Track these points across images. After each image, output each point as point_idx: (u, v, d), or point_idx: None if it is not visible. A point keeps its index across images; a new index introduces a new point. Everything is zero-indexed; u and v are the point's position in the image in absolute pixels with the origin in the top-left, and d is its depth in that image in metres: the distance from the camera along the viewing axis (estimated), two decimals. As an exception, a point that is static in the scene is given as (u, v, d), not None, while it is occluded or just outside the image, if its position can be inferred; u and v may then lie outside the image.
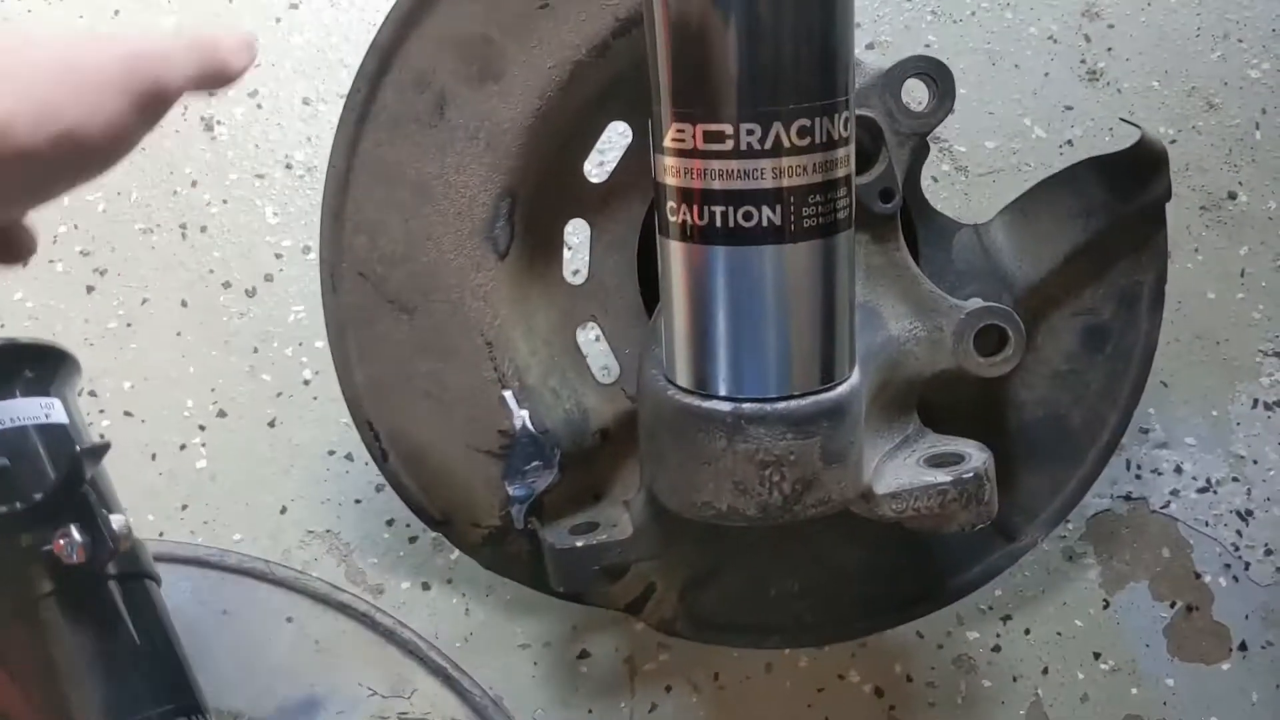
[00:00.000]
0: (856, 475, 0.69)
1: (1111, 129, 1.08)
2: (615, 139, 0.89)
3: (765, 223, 0.61)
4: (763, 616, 0.88)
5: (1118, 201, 0.82)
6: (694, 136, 0.61)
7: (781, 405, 0.65)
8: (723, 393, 0.65)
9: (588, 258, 0.85)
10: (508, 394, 0.81)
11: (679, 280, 0.65)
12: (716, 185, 0.61)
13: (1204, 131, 1.08)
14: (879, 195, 0.77)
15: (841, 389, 0.67)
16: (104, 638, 0.64)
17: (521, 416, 0.81)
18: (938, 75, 0.78)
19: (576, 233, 0.94)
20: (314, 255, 1.04)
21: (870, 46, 1.10)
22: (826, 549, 0.87)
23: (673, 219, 0.64)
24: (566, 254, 0.87)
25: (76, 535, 0.62)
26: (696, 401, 0.66)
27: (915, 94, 0.80)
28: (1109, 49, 1.10)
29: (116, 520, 0.64)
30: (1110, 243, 0.84)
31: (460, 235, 0.79)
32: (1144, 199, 0.82)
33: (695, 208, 0.62)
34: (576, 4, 0.76)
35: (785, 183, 0.61)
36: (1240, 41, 1.10)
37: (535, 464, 0.81)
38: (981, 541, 0.87)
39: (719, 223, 0.62)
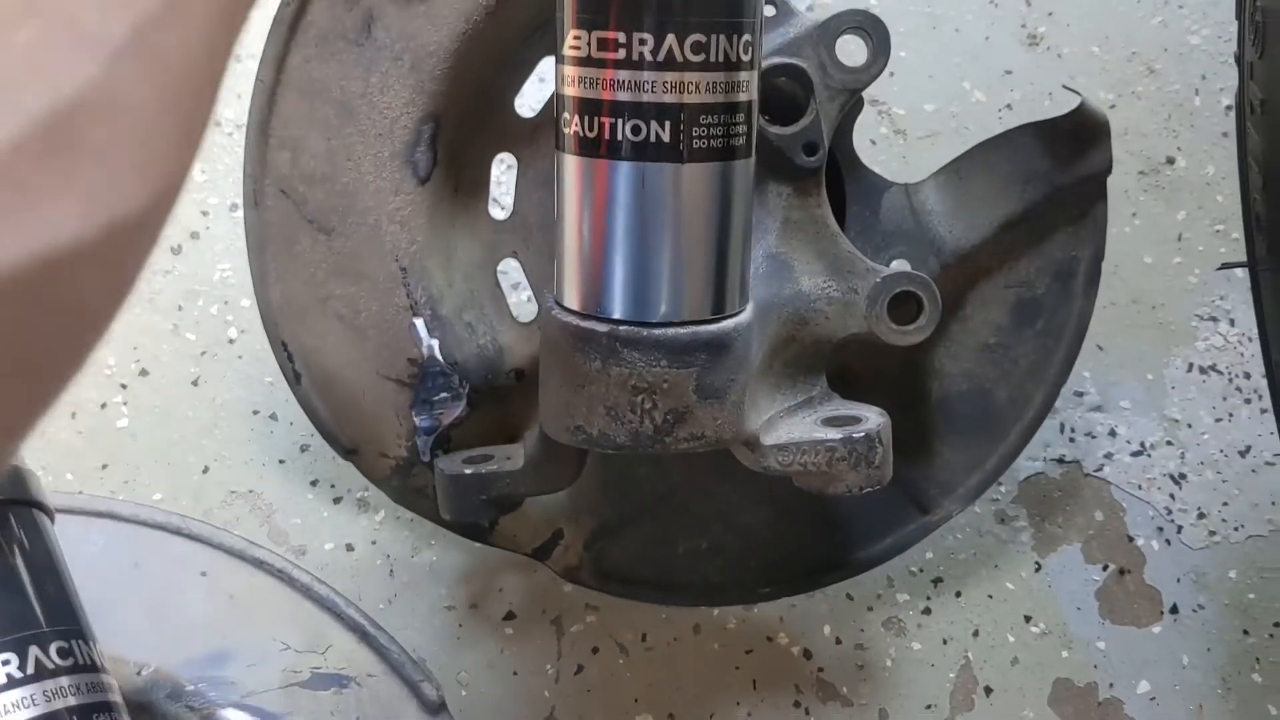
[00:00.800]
0: (735, 416, 0.68)
1: (1051, 94, 1.07)
2: (550, 74, 0.87)
3: (655, 139, 0.60)
4: (669, 573, 0.88)
5: (1057, 171, 0.81)
6: (589, 44, 0.60)
7: (659, 331, 0.64)
8: (604, 314, 0.65)
9: (513, 193, 0.83)
10: (418, 322, 0.80)
11: (569, 195, 0.64)
12: (608, 96, 0.60)
13: (1143, 97, 1.07)
14: (803, 148, 0.76)
15: (725, 324, 0.66)
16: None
17: (431, 345, 0.80)
18: (873, 30, 0.77)
19: (504, 167, 0.93)
20: (240, 213, 1.02)
21: (810, 8, 1.09)
22: (736, 510, 0.86)
23: (566, 130, 0.63)
24: (493, 188, 0.85)
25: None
26: (576, 321, 0.65)
27: (851, 51, 0.79)
28: (1049, 14, 1.09)
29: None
30: (1048, 214, 0.82)
31: (380, 157, 0.78)
32: (1083, 171, 0.81)
33: (587, 119, 0.61)
34: None
35: (678, 98, 0.60)
36: (1181, 8, 1.10)
37: (443, 396, 0.80)
38: (895, 513, 0.87)
39: (609, 135, 0.61)
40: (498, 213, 0.84)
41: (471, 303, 0.83)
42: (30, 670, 0.62)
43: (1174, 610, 0.94)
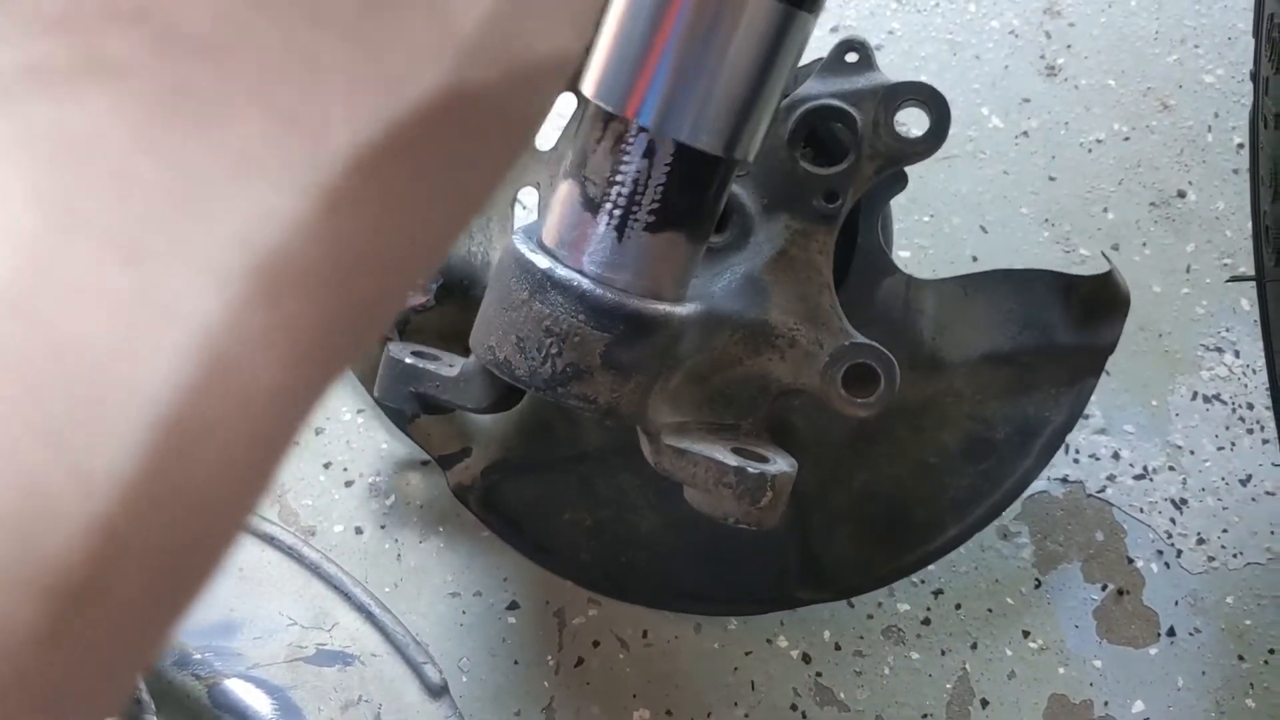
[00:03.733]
0: (636, 399, 0.69)
1: (1067, 123, 1.09)
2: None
3: None
4: (545, 534, 0.90)
5: (1061, 328, 0.81)
6: None
7: (588, 285, 0.66)
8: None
9: (562, 131, 0.86)
10: None
11: None
12: None
13: (1157, 131, 1.09)
14: (824, 194, 0.77)
15: (655, 307, 0.68)
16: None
17: None
18: (935, 110, 0.77)
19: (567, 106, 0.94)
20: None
21: (834, 30, 1.11)
22: (631, 504, 0.88)
23: None
24: (548, 121, 0.88)
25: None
26: (524, 250, 0.67)
27: (911, 122, 0.79)
28: (1068, 46, 1.12)
29: None
30: (1035, 366, 0.83)
31: None
32: (1088, 340, 0.82)
33: None
34: None
35: None
36: (1196, 47, 1.12)
37: None
38: (773, 575, 0.88)
39: None
40: (542, 145, 0.87)
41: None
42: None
43: (1171, 633, 0.95)
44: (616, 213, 0.67)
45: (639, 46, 0.63)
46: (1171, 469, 0.99)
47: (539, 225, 0.71)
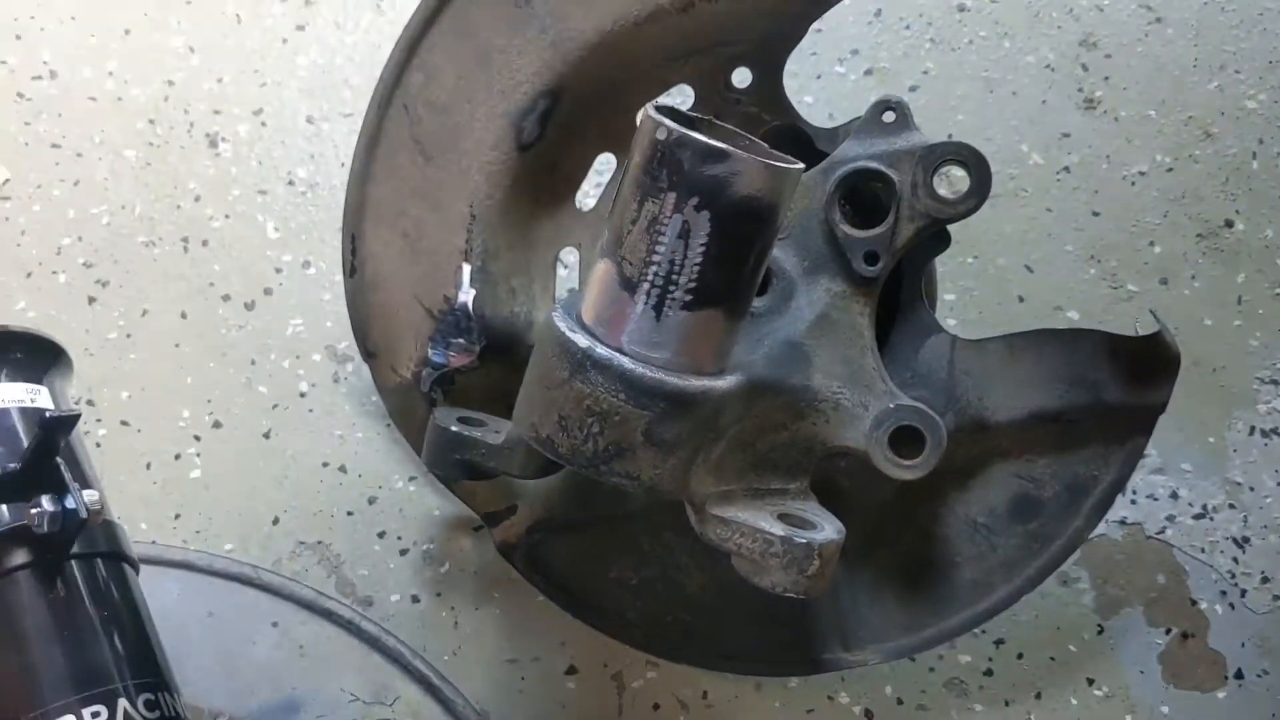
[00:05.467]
0: (678, 472, 0.69)
1: (1108, 157, 1.08)
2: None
3: None
4: (591, 591, 0.90)
5: (1110, 386, 0.80)
6: None
7: (629, 364, 0.66)
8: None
9: (602, 192, 0.87)
10: (465, 267, 0.84)
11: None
12: None
13: (1201, 160, 1.08)
14: (864, 256, 0.76)
15: (693, 383, 0.67)
16: (75, 611, 0.65)
17: (468, 293, 0.84)
18: (975, 168, 0.76)
19: (605, 167, 0.94)
20: (314, 270, 1.05)
21: (869, 72, 1.11)
22: (677, 564, 0.88)
23: None
24: (588, 181, 0.89)
25: (47, 505, 0.63)
26: (564, 328, 0.68)
27: (951, 183, 0.79)
28: (1106, 78, 1.11)
29: (89, 495, 0.65)
30: (1085, 425, 0.82)
31: (494, 111, 0.83)
32: (1138, 399, 0.80)
33: None
34: None
35: None
36: (1238, 73, 1.11)
37: (459, 341, 0.84)
38: (817, 635, 0.87)
39: None
40: (582, 201, 0.89)
41: (523, 270, 0.86)
42: (118, 722, 0.64)
43: (1239, 675, 0.93)
44: (654, 293, 0.67)
45: None
46: (1232, 506, 0.98)
47: (577, 301, 0.71)
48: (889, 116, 0.78)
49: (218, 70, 1.10)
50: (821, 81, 1.11)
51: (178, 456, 1.00)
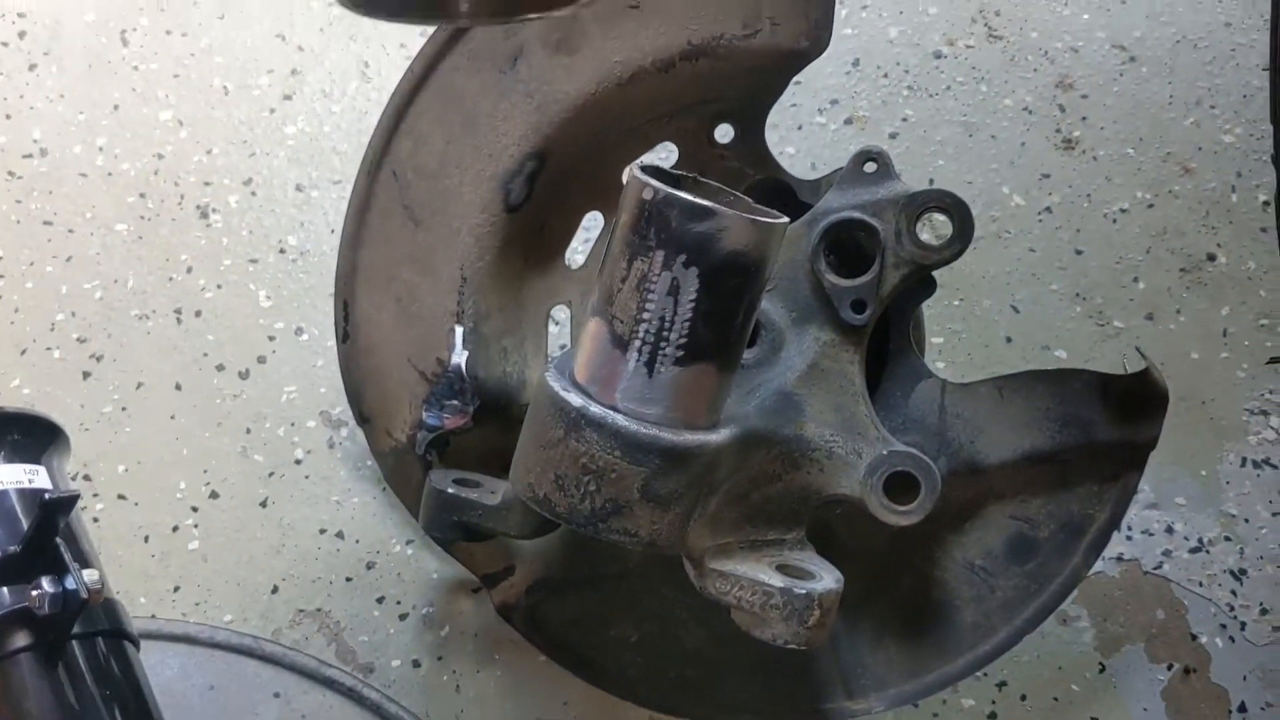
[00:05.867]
0: (676, 528, 0.70)
1: (1089, 195, 1.09)
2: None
3: None
4: (592, 649, 0.90)
5: (1101, 425, 0.81)
6: None
7: (622, 421, 0.67)
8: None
9: (590, 250, 0.88)
10: (458, 330, 0.85)
11: None
12: None
13: (1180, 195, 1.09)
14: (852, 304, 0.77)
15: (687, 438, 0.68)
16: (78, 691, 0.64)
17: (461, 355, 0.85)
18: (958, 214, 0.77)
19: (593, 224, 0.95)
20: (306, 336, 1.05)
21: (849, 121, 1.13)
22: (676, 620, 0.88)
23: None
24: (577, 239, 0.90)
25: (48, 587, 0.63)
26: (558, 387, 0.68)
27: (929, 234, 0.80)
28: (1083, 118, 1.12)
29: (89, 574, 0.65)
30: (1078, 464, 0.82)
31: (482, 175, 0.84)
32: (1129, 436, 0.81)
33: None
34: (661, 16, 0.81)
35: None
36: (1213, 108, 1.12)
37: (454, 403, 0.85)
38: (820, 684, 0.87)
39: None
40: (571, 260, 0.90)
41: (514, 331, 0.87)
42: (120, 801, 0.63)
43: (1242, 709, 0.93)
44: (645, 349, 0.68)
45: None
46: (1228, 539, 0.98)
47: (570, 359, 0.72)
48: (870, 167, 0.79)
49: (207, 142, 1.11)
50: (803, 132, 1.12)
51: (175, 528, 1.00)
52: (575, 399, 0.68)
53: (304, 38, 1.15)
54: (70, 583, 0.64)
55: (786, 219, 0.71)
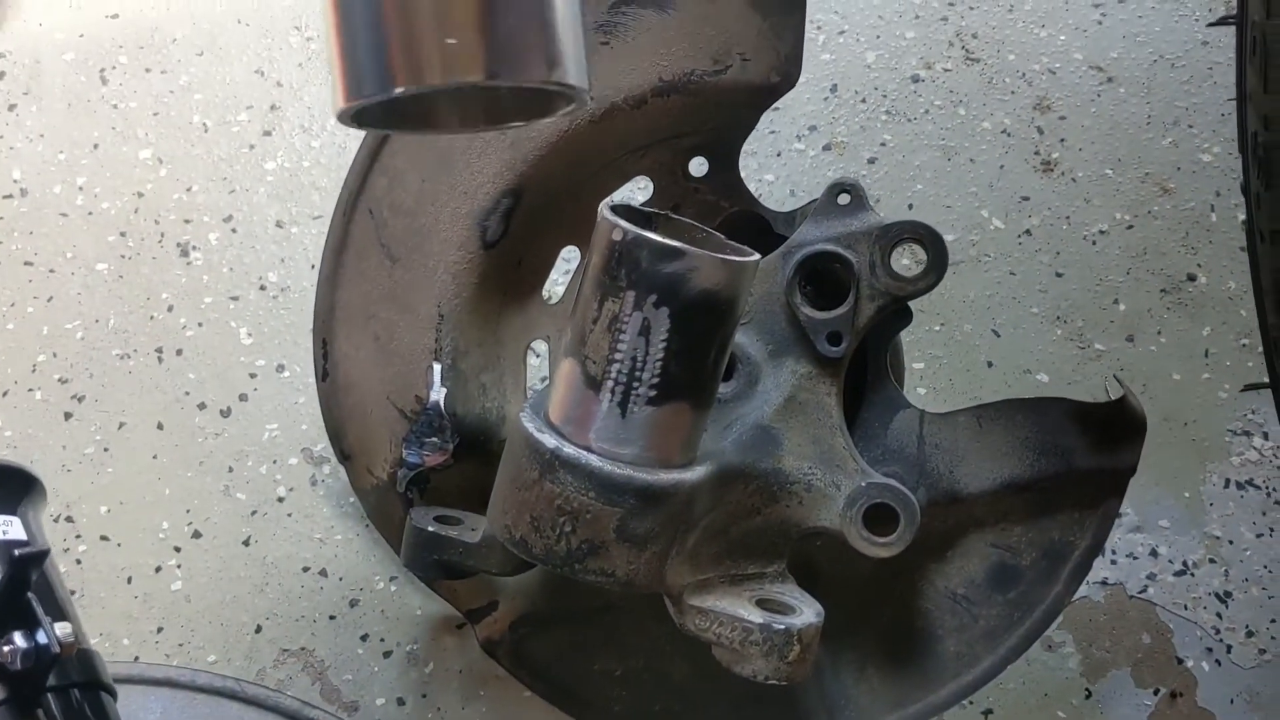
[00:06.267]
0: (653, 567, 0.70)
1: (1068, 217, 1.10)
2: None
3: None
4: (577, 684, 0.89)
5: (1080, 453, 0.81)
6: None
7: (597, 462, 0.67)
8: None
9: (569, 284, 0.89)
10: (436, 367, 0.85)
11: None
12: None
13: (1160, 216, 1.10)
14: (827, 337, 0.77)
15: (662, 477, 0.68)
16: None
17: (439, 392, 0.85)
18: (931, 246, 0.77)
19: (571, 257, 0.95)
20: (288, 373, 1.05)
21: (827, 148, 1.13)
22: (660, 653, 0.88)
23: None
24: (554, 274, 0.90)
25: (20, 642, 0.63)
26: (532, 429, 0.69)
27: (909, 259, 0.80)
28: (1061, 140, 1.12)
29: (61, 628, 0.65)
30: (1058, 491, 0.82)
31: (458, 212, 0.84)
32: (1108, 463, 0.81)
33: None
34: (633, 53, 0.81)
35: None
36: (1191, 127, 1.12)
37: (433, 440, 0.85)
38: (805, 718, 0.87)
39: None
40: (549, 295, 0.90)
41: (493, 367, 0.87)
42: None
43: (1230, 732, 0.93)
44: (618, 390, 0.68)
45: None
46: (1212, 561, 0.98)
47: (544, 400, 0.72)
48: (844, 198, 0.79)
49: (187, 179, 1.12)
50: (781, 159, 1.12)
51: (158, 569, 1.00)
52: (549, 440, 0.69)
53: (283, 73, 1.15)
54: (43, 637, 0.64)
55: (757, 256, 0.71)
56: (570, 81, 0.47)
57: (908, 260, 0.78)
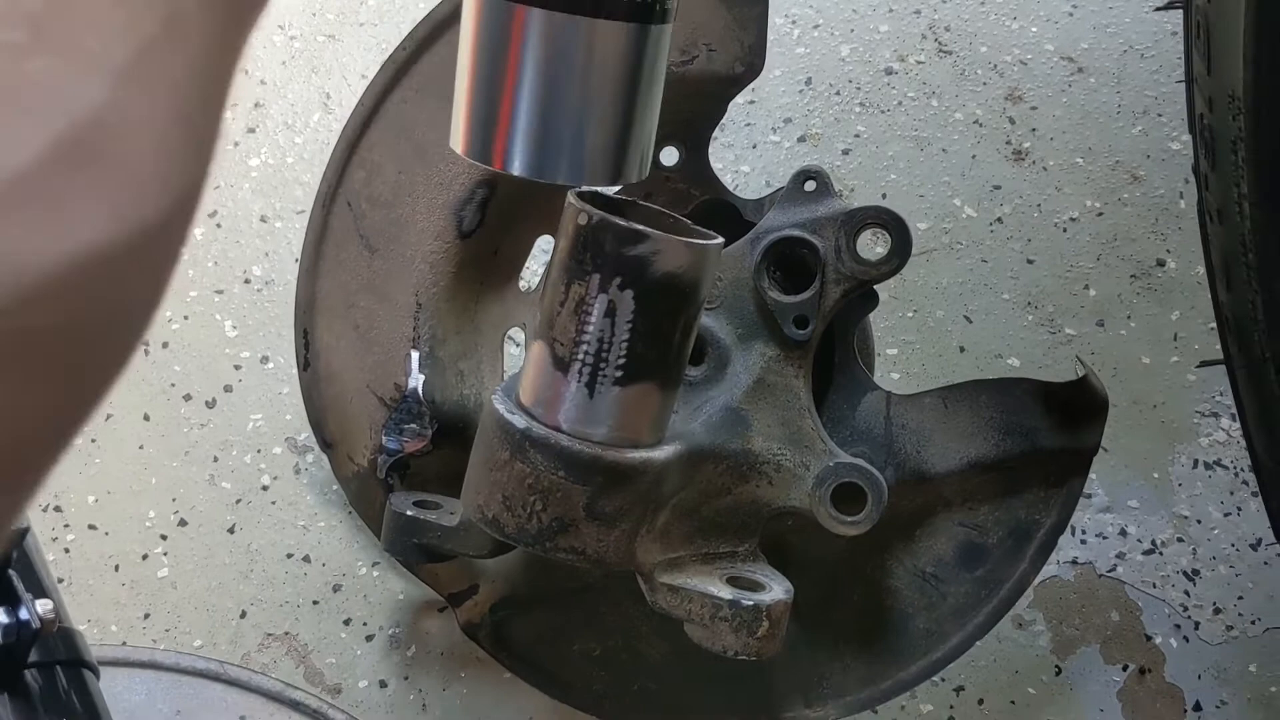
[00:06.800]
0: (623, 545, 0.71)
1: (1039, 205, 1.11)
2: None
3: None
4: (557, 665, 0.91)
5: (1043, 433, 0.83)
6: None
7: (566, 441, 0.68)
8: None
9: (541, 272, 0.90)
10: (414, 355, 0.87)
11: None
12: None
13: (1129, 203, 1.11)
14: (794, 320, 0.79)
15: (632, 455, 0.70)
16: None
17: (417, 379, 0.87)
18: (895, 231, 0.78)
19: (548, 246, 0.97)
20: (272, 365, 1.07)
21: (802, 139, 1.15)
22: (638, 633, 0.90)
23: None
24: (530, 263, 0.92)
25: (1, 617, 0.65)
26: (503, 410, 0.70)
27: (873, 244, 0.82)
28: (1033, 129, 1.14)
29: (42, 604, 0.66)
30: (1023, 470, 0.84)
31: (435, 203, 0.86)
32: (1072, 442, 0.83)
33: None
34: None
35: None
36: (1160, 116, 1.14)
37: (412, 427, 0.87)
38: (779, 694, 0.89)
39: None
40: (524, 283, 0.92)
41: (470, 354, 0.89)
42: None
43: (1197, 708, 0.95)
44: (586, 371, 0.70)
45: (491, 96, 0.57)
46: (1180, 540, 1.00)
47: (516, 383, 0.74)
48: (810, 186, 0.81)
49: (171, 176, 1.13)
50: (757, 151, 1.14)
51: (145, 556, 1.02)
52: (520, 421, 0.70)
53: (266, 71, 1.17)
54: (24, 613, 0.66)
55: (720, 239, 0.73)
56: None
57: (877, 246, 0.80)
